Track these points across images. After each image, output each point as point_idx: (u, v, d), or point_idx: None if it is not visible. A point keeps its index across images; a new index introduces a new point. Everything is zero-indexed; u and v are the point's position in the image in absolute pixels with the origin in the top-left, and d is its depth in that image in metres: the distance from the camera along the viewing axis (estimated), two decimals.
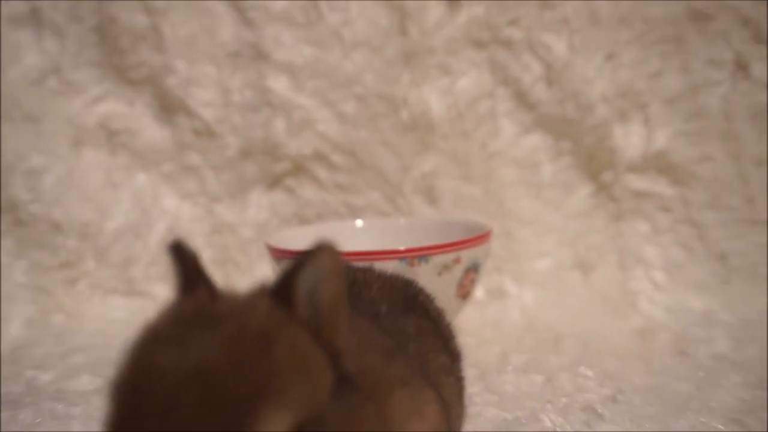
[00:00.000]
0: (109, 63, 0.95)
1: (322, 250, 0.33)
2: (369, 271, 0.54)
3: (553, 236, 0.92)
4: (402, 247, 0.71)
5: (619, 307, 0.87)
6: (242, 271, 0.93)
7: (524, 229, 0.91)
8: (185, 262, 0.35)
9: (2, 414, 0.63)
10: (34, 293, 0.91)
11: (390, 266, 0.69)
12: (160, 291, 0.93)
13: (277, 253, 0.74)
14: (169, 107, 0.95)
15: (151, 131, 0.95)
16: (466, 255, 0.72)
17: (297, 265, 0.33)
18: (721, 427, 0.58)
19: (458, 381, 0.49)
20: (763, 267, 0.88)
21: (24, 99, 0.93)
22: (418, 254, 0.70)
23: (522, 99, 0.93)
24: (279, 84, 0.93)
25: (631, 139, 0.91)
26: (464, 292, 0.74)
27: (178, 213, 0.95)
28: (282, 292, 0.33)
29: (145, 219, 0.94)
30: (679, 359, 0.74)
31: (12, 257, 0.91)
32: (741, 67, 0.91)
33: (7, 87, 0.92)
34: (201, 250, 0.94)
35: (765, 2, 0.89)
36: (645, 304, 0.87)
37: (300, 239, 0.80)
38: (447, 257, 0.71)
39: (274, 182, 0.95)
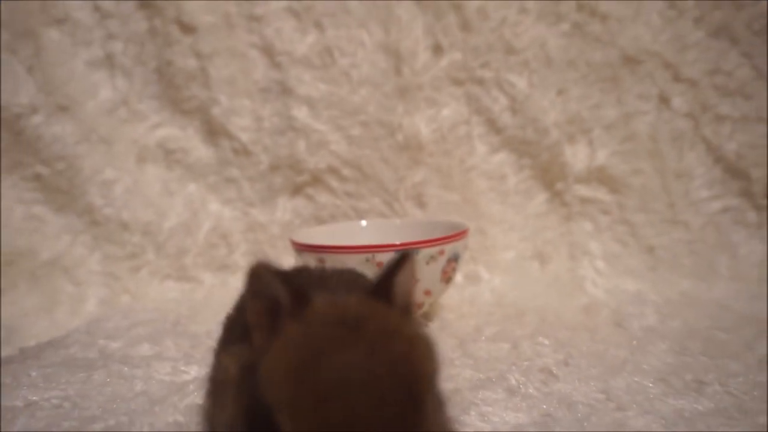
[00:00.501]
0: (166, 97, 0.94)
1: (408, 259, 0.35)
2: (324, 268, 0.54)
3: (517, 233, 0.91)
4: (398, 242, 0.71)
5: (569, 289, 0.86)
6: (271, 259, 0.92)
7: (494, 228, 0.91)
8: (288, 284, 0.33)
9: (79, 374, 0.62)
10: (105, 279, 0.90)
11: (387, 257, 0.69)
12: (206, 277, 0.93)
13: (299, 246, 0.74)
14: (213, 131, 0.94)
15: (199, 150, 0.95)
16: (448, 248, 0.72)
17: (392, 270, 0.35)
18: (650, 385, 0.58)
19: None
20: (683, 258, 0.87)
21: (99, 125, 0.92)
22: (410, 247, 0.69)
23: (492, 125, 0.92)
24: (301, 113, 0.92)
25: (578, 157, 0.90)
26: (447, 278, 0.74)
27: (220, 215, 0.94)
28: (382, 292, 0.34)
29: (194, 220, 0.94)
30: (617, 330, 0.73)
31: (88, 250, 0.90)
32: (663, 100, 0.90)
33: (87, 116, 0.92)
34: (237, 244, 0.93)
35: (683, 50, 0.89)
36: (589, 287, 0.86)
37: (317, 236, 0.80)
38: (433, 250, 0.71)
39: (297, 190, 0.94)
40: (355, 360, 0.30)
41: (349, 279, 0.50)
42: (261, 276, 0.34)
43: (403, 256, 0.35)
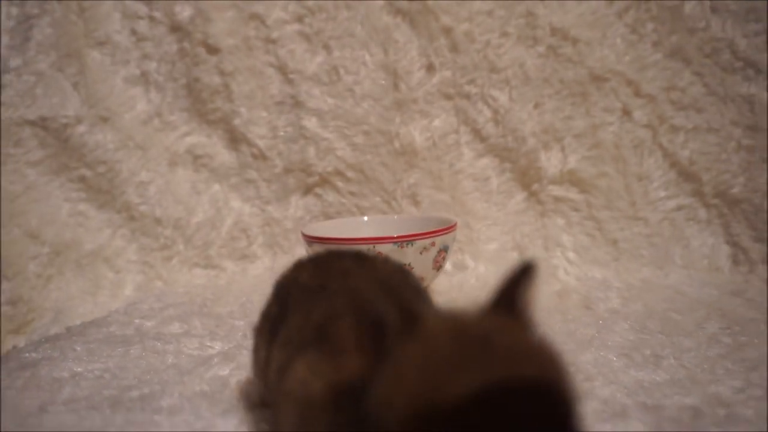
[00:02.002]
0: (194, 109, 0.94)
1: (533, 269, 0.30)
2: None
3: (499, 228, 0.91)
4: (395, 235, 0.71)
5: (543, 276, 0.85)
6: (284, 251, 0.92)
7: (479, 223, 0.90)
8: (395, 300, 0.27)
9: (118, 349, 0.62)
10: (141, 267, 0.90)
11: (386, 248, 0.69)
12: (228, 265, 0.92)
13: (309, 239, 0.74)
14: (235, 139, 0.94)
15: (223, 155, 0.94)
16: (439, 240, 0.72)
17: (515, 280, 0.29)
18: (614, 359, 0.58)
19: None
20: (643, 249, 0.87)
21: (136, 134, 0.92)
22: (406, 239, 0.70)
23: (477, 134, 0.91)
24: (311, 123, 0.92)
25: (551, 162, 0.90)
26: (438, 266, 0.74)
27: (241, 211, 0.94)
28: (502, 305, 0.29)
29: (218, 216, 0.93)
30: (585, 312, 0.73)
31: (126, 242, 0.90)
32: (626, 113, 0.90)
33: (125, 126, 0.91)
34: (256, 237, 0.93)
35: (643, 69, 0.88)
36: (562, 275, 0.86)
37: (325, 229, 0.80)
38: (426, 241, 0.71)
39: (307, 190, 0.94)
40: (490, 390, 0.23)
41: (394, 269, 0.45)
42: (362, 290, 0.29)
43: (529, 266, 0.29)
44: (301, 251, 0.83)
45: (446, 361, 0.25)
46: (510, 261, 0.89)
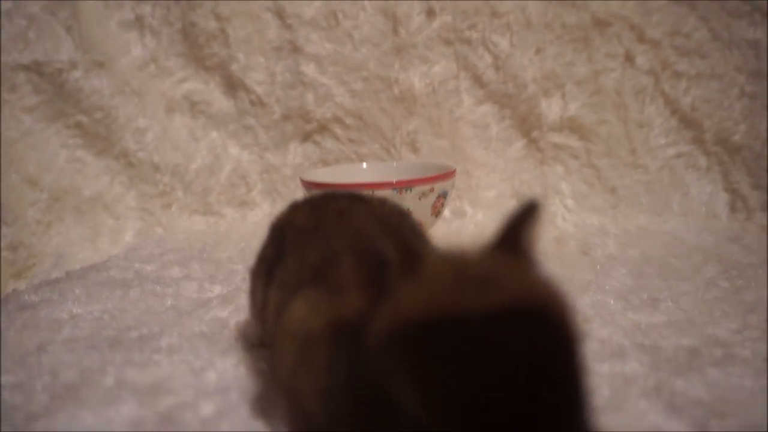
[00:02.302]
0: (191, 54, 0.91)
1: (538, 208, 0.28)
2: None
3: (498, 175, 0.89)
4: (394, 180, 0.69)
5: (541, 232, 0.84)
6: (284, 198, 0.90)
7: (478, 170, 0.88)
8: (396, 239, 0.26)
9: (117, 292, 0.60)
10: (141, 213, 0.88)
11: (385, 193, 0.68)
12: (228, 212, 0.91)
13: (307, 185, 0.72)
14: (232, 85, 0.91)
15: (220, 102, 0.92)
16: (438, 186, 0.70)
17: (519, 219, 0.28)
18: (612, 302, 0.57)
19: None
20: (641, 196, 0.86)
21: (132, 80, 0.89)
22: (404, 185, 0.68)
23: (477, 80, 0.89)
24: (309, 69, 0.89)
25: (552, 108, 0.87)
26: (436, 212, 0.72)
27: (239, 158, 0.92)
28: (506, 245, 0.27)
29: (217, 162, 0.91)
30: (583, 258, 0.72)
31: (125, 188, 0.88)
32: (629, 59, 0.87)
33: (120, 71, 0.88)
34: (255, 184, 0.91)
35: (647, 14, 0.85)
36: (560, 221, 0.85)
37: (324, 175, 0.78)
38: (425, 187, 0.69)
39: (306, 137, 0.92)
40: (494, 328, 0.22)
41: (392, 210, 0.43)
42: (361, 228, 0.27)
43: (533, 205, 0.27)
44: (300, 197, 0.81)
45: (446, 303, 0.23)
46: (509, 208, 0.87)
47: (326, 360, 0.29)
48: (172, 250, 0.77)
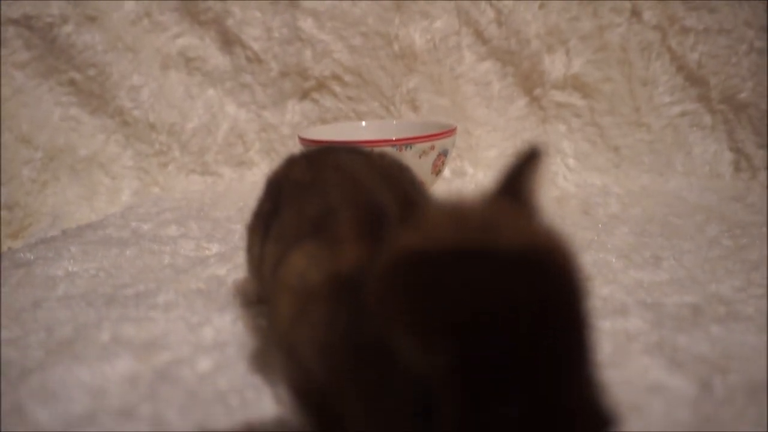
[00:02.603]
0: (185, 8, 0.88)
1: (539, 154, 0.27)
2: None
3: (499, 134, 0.87)
4: (393, 138, 0.68)
5: (543, 182, 0.83)
6: (282, 156, 0.87)
7: (479, 129, 0.87)
8: (393, 188, 0.25)
9: (113, 250, 0.60)
10: (137, 173, 0.87)
11: (385, 151, 0.66)
12: (225, 172, 0.89)
13: (306, 143, 0.71)
14: (229, 41, 0.88)
15: (216, 58, 0.89)
16: (438, 144, 0.69)
17: (520, 167, 0.27)
18: (613, 260, 0.56)
19: None
20: (645, 156, 0.84)
21: (125, 35, 0.86)
22: (404, 143, 0.67)
23: (479, 36, 0.86)
24: (307, 24, 0.86)
25: (555, 65, 0.85)
26: (437, 171, 0.71)
27: (236, 117, 0.90)
28: (506, 193, 0.26)
29: (214, 121, 0.89)
30: (584, 217, 0.72)
31: (121, 148, 0.87)
32: (635, 13, 0.84)
33: (113, 26, 0.85)
34: (252, 143, 0.90)
35: None
36: (561, 181, 0.83)
37: (322, 133, 0.76)
38: (425, 145, 0.68)
39: (304, 95, 0.89)
40: (495, 274, 0.21)
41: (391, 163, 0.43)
42: (360, 180, 0.26)
43: (534, 152, 0.26)
44: None
45: (447, 243, 0.23)
46: None
47: (325, 314, 0.28)
48: (169, 209, 0.76)
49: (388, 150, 0.66)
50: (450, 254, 0.22)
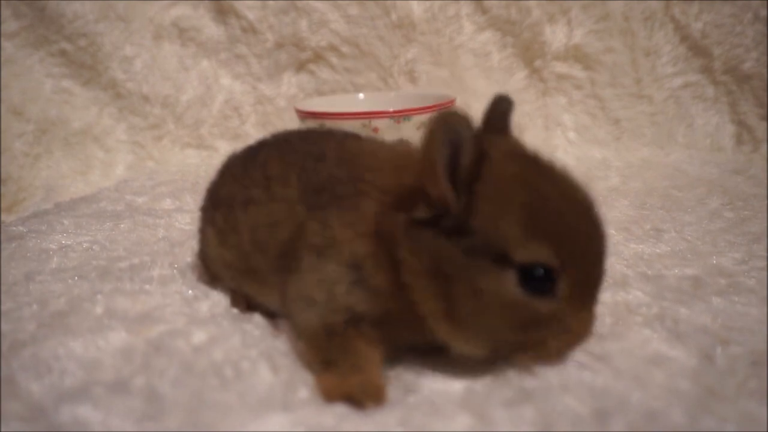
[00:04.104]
0: None
1: (508, 102, 0.36)
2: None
3: None
4: (391, 110, 0.66)
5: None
6: (278, 129, 0.85)
7: (478, 102, 0.85)
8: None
9: (107, 223, 0.59)
10: (131, 146, 0.86)
11: (382, 123, 0.65)
12: (221, 145, 0.88)
13: (303, 114, 0.70)
14: (223, 11, 0.87)
15: (210, 29, 0.87)
16: None
17: (500, 113, 0.35)
18: (613, 233, 0.55)
19: None
20: (646, 129, 0.84)
21: (116, 4, 0.84)
22: (402, 114, 0.66)
23: (479, 5, 0.85)
24: None
25: (556, 36, 0.84)
26: None
27: (231, 89, 0.89)
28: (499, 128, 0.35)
29: (209, 93, 0.88)
30: None
31: (114, 120, 0.85)
32: None
33: None
34: (248, 115, 0.88)
35: None
36: (561, 154, 0.83)
37: (319, 105, 0.75)
38: (422, 117, 0.66)
39: (300, 66, 0.88)
40: (575, 190, 0.32)
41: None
42: (430, 133, 0.29)
43: (503, 98, 0.35)
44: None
45: (536, 178, 0.31)
46: None
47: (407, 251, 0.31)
48: (164, 183, 0.75)
49: (387, 123, 0.65)
50: (538, 180, 0.31)
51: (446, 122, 0.29)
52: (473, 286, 0.30)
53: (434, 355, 0.34)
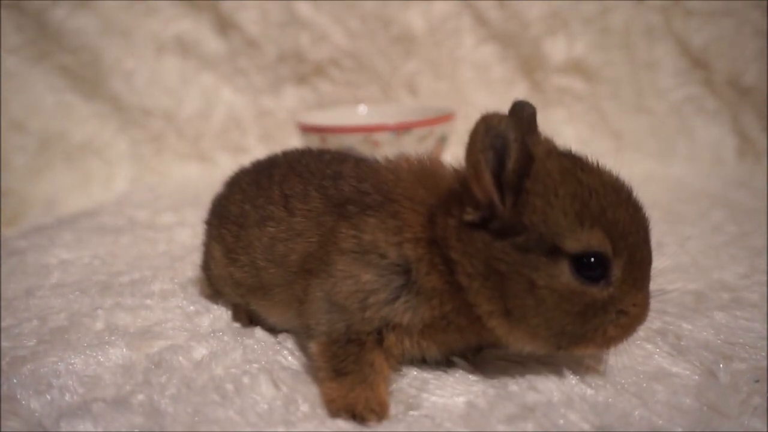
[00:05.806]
0: None
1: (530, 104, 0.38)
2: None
3: None
4: (392, 123, 0.67)
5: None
6: (278, 142, 0.88)
7: (478, 114, 0.85)
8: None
9: (108, 237, 0.59)
10: (133, 159, 0.87)
11: (383, 136, 0.66)
12: (222, 158, 0.89)
13: (304, 128, 0.70)
14: (225, 25, 0.87)
15: (212, 42, 0.88)
16: (437, 129, 0.69)
17: (532, 110, 0.37)
18: None
19: None
20: (647, 141, 0.84)
21: (118, 19, 0.85)
22: (403, 128, 0.66)
23: (479, 18, 0.85)
24: (304, 7, 0.85)
25: (556, 48, 0.84)
26: (436, 155, 0.70)
27: (232, 102, 0.89)
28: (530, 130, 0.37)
29: (209, 106, 0.89)
30: None
31: (116, 133, 0.86)
32: None
33: (106, 10, 0.84)
34: (249, 128, 0.89)
35: None
36: None
37: (320, 119, 0.75)
38: (423, 130, 0.67)
39: (302, 80, 0.88)
40: (614, 178, 0.35)
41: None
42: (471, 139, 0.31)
43: (524, 103, 0.37)
44: (296, 143, 0.79)
45: (583, 173, 0.33)
46: None
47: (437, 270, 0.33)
48: (165, 196, 0.75)
49: (387, 136, 0.65)
50: (582, 170, 0.33)
51: (489, 127, 0.31)
52: (529, 282, 0.31)
53: (436, 370, 0.35)
